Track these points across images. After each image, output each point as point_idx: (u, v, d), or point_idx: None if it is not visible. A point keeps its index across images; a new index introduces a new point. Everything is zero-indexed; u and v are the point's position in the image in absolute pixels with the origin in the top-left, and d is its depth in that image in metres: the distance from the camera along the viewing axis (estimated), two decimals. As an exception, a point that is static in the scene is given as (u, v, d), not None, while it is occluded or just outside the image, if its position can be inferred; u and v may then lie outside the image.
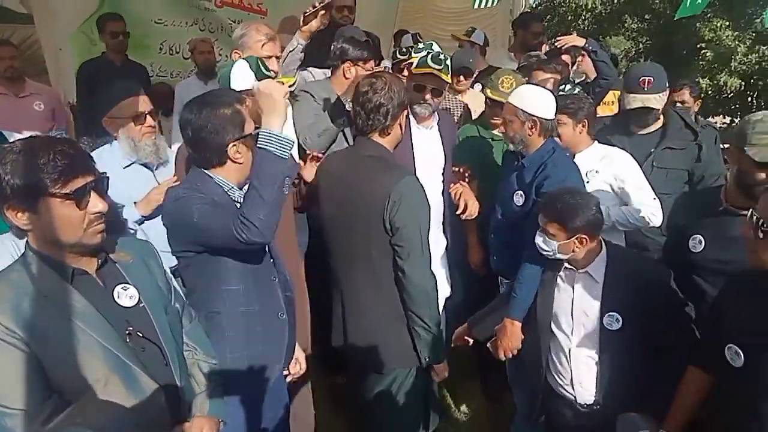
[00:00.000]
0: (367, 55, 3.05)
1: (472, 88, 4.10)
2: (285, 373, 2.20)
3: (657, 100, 2.97)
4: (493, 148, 3.23)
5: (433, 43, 3.03)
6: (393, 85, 2.25)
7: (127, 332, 1.52)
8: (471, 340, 2.64)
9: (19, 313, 1.37)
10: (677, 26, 10.75)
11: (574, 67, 4.53)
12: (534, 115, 2.53)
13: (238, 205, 1.87)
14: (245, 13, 5.36)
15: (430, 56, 2.87)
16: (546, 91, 2.70)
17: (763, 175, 2.05)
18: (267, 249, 2.02)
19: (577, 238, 2.12)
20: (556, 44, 4.02)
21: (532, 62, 3.71)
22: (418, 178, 2.26)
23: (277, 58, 2.73)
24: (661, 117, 3.08)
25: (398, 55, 3.96)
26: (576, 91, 3.10)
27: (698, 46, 9.66)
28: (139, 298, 1.59)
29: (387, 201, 2.14)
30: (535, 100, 2.57)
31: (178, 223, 1.86)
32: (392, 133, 2.30)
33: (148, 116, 2.41)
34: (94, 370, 1.43)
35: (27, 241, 1.46)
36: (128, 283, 1.58)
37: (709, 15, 9.96)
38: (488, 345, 2.55)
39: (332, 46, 3.11)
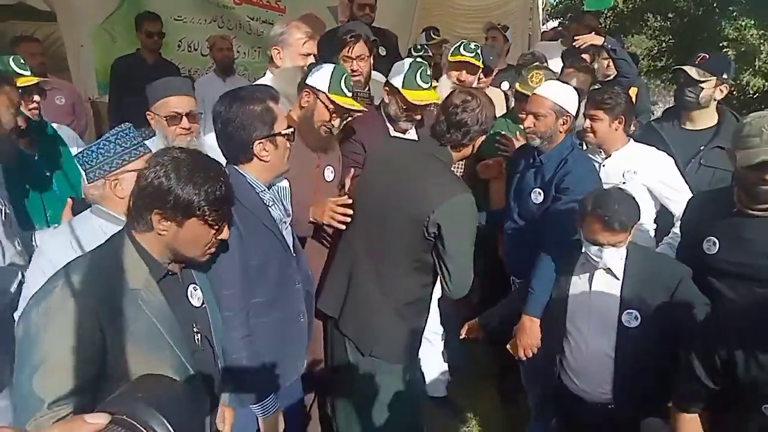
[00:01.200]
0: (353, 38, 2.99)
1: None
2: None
3: (701, 75, 2.86)
4: (523, 143, 3.23)
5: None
6: (485, 109, 2.26)
7: (195, 331, 1.60)
8: (481, 335, 2.62)
9: (106, 298, 1.42)
10: (701, 25, 10.57)
11: (595, 65, 4.47)
12: (569, 112, 2.55)
13: (269, 207, 1.93)
14: (263, 11, 5.39)
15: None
16: (571, 87, 2.71)
17: (753, 177, 2.02)
18: (292, 248, 2.04)
19: (633, 229, 2.11)
20: (574, 44, 3.97)
21: (527, 59, 3.72)
22: (471, 195, 2.18)
23: (315, 56, 2.76)
24: (716, 115, 2.99)
25: (413, 53, 3.97)
26: (614, 88, 3.02)
27: (721, 45, 9.48)
28: (203, 299, 1.68)
29: (429, 216, 2.11)
30: (567, 96, 2.59)
31: None
32: (462, 151, 2.32)
33: (184, 118, 2.31)
34: (158, 366, 1.47)
35: (132, 235, 1.51)
36: (196, 284, 1.67)
37: (734, 14, 9.79)
38: (508, 346, 2.52)
39: None
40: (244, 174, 1.89)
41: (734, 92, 9.51)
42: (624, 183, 2.65)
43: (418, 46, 4.43)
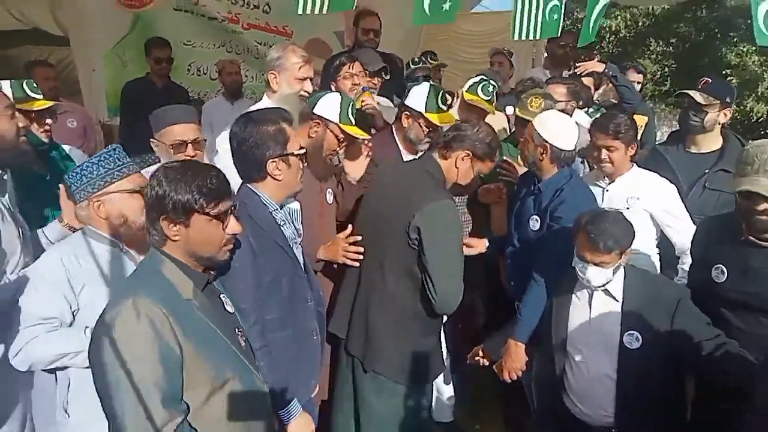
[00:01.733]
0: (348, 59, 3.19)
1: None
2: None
3: (705, 99, 2.89)
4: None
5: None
6: (486, 131, 2.42)
7: (239, 335, 1.69)
8: (486, 361, 2.61)
9: (173, 312, 1.48)
10: (703, 51, 10.68)
11: (600, 91, 4.54)
12: (547, 142, 2.53)
13: (280, 226, 1.97)
14: (271, 36, 5.49)
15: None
16: (571, 122, 2.73)
17: (744, 204, 2.05)
18: (303, 268, 2.07)
19: (625, 254, 2.11)
20: (576, 70, 4.03)
21: (526, 86, 3.74)
22: (452, 202, 2.29)
23: (311, 79, 2.81)
24: (720, 139, 3.01)
25: (411, 65, 4.22)
26: (621, 115, 3.00)
27: (724, 72, 9.56)
28: (233, 308, 1.77)
29: (410, 221, 2.21)
30: (555, 128, 2.57)
31: None
32: (449, 159, 2.38)
33: (189, 145, 2.34)
34: (225, 369, 1.56)
35: (162, 250, 1.58)
36: (224, 293, 1.76)
37: (735, 40, 9.90)
38: (494, 366, 2.54)
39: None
40: (258, 193, 1.95)
41: (738, 117, 9.57)
42: (627, 209, 2.66)
43: (416, 59, 4.51)
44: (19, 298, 1.87)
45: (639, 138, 3.09)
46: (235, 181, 1.91)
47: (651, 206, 2.73)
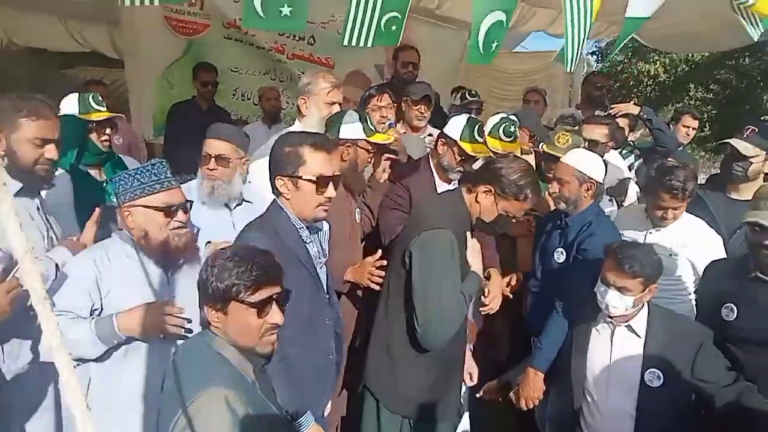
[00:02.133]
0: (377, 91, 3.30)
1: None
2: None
3: (749, 150, 2.89)
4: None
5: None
6: (519, 173, 2.28)
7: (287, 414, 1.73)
8: (500, 398, 2.61)
9: (242, 393, 1.49)
10: (743, 97, 10.58)
11: (637, 135, 4.55)
12: (592, 179, 2.62)
13: (306, 243, 2.02)
14: (314, 66, 5.68)
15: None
16: (597, 155, 2.81)
17: (755, 238, 2.08)
18: (326, 289, 2.11)
19: (650, 289, 2.10)
20: (611, 112, 4.07)
21: (567, 122, 3.79)
22: (448, 232, 2.25)
23: (340, 104, 2.89)
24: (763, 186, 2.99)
25: (462, 98, 4.47)
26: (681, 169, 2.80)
27: (762, 117, 9.45)
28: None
29: (408, 248, 2.24)
30: (595, 164, 2.67)
31: None
32: (472, 195, 2.34)
33: (212, 159, 2.47)
34: None
35: (218, 337, 1.56)
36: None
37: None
38: (510, 394, 2.54)
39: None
40: (285, 210, 2.02)
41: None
42: (670, 255, 2.67)
43: (472, 92, 4.61)
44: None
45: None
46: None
47: (696, 256, 2.68)
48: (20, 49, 5.61)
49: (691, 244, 2.71)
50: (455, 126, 2.83)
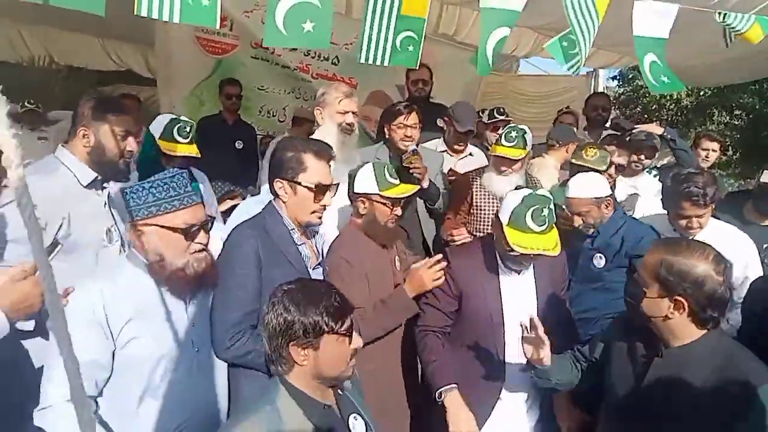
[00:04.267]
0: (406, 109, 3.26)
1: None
2: None
3: None
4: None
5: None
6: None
7: None
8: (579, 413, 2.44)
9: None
10: (766, 122, 10.49)
11: (657, 156, 4.59)
12: (605, 196, 2.75)
13: (298, 245, 2.06)
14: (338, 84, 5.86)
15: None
16: (595, 174, 2.95)
17: None
18: None
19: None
20: (633, 131, 4.13)
21: (582, 144, 3.86)
22: None
23: (354, 113, 2.90)
24: None
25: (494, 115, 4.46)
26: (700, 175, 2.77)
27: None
28: (367, 426, 1.66)
29: None
30: (596, 183, 2.79)
31: (220, 260, 1.98)
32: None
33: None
34: None
35: (284, 379, 1.55)
36: (357, 412, 1.67)
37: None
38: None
39: None
40: (280, 212, 2.10)
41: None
42: None
43: (501, 110, 4.62)
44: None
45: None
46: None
47: (733, 260, 2.64)
48: (60, 67, 5.92)
49: (726, 249, 2.65)
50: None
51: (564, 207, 3.27)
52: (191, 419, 1.80)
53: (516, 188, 2.24)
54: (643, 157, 3.82)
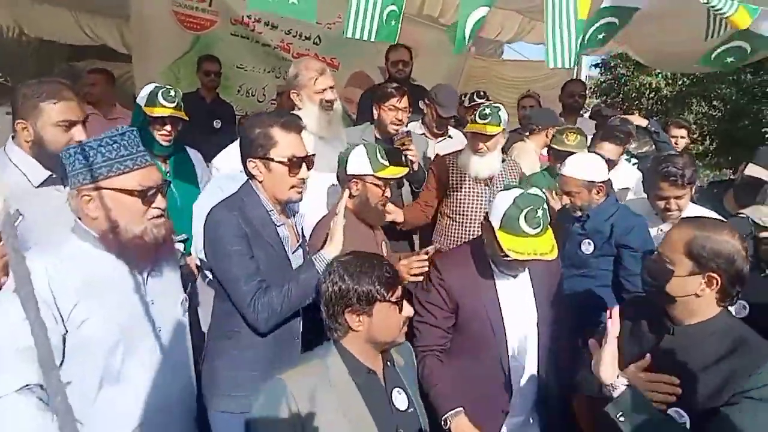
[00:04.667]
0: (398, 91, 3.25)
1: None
2: None
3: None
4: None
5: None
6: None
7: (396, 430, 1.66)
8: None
9: (311, 400, 1.55)
10: (743, 112, 10.67)
11: (635, 145, 4.62)
12: (600, 182, 2.71)
13: (277, 226, 2.00)
14: (319, 65, 5.76)
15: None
16: (597, 156, 2.87)
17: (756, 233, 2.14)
18: None
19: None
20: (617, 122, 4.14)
21: (562, 129, 3.85)
22: None
23: (332, 88, 2.81)
24: None
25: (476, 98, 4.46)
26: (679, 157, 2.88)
27: (763, 130, 9.52)
28: (410, 402, 1.73)
29: None
30: (594, 167, 2.74)
31: (210, 248, 1.96)
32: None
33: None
34: None
35: (338, 343, 1.66)
36: (402, 387, 1.75)
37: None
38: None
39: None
40: (258, 192, 2.02)
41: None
42: None
43: (481, 93, 4.64)
44: None
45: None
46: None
47: None
48: (30, 39, 5.71)
49: None
50: (497, 206, 2.04)
51: (548, 191, 3.28)
52: (157, 405, 1.70)
53: (506, 188, 2.07)
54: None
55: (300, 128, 2.06)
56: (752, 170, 2.96)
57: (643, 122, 3.96)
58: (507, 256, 1.94)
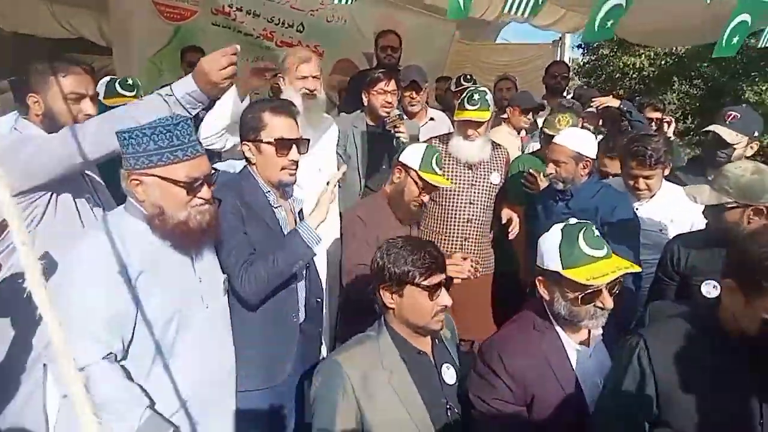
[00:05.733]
0: (385, 75, 3.28)
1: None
2: None
3: (732, 136, 2.92)
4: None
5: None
6: None
7: (447, 407, 1.76)
8: None
9: (363, 379, 1.66)
10: (724, 90, 10.78)
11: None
12: (587, 156, 2.72)
13: (274, 208, 2.07)
14: (302, 54, 5.71)
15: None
16: (590, 133, 2.89)
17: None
18: None
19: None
20: (591, 105, 4.18)
21: (555, 113, 3.88)
22: None
23: (315, 77, 2.82)
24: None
25: (462, 82, 4.56)
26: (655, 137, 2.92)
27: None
28: (457, 375, 1.84)
29: None
30: (587, 142, 2.75)
31: None
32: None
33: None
34: None
35: (384, 319, 1.78)
36: (451, 362, 1.84)
37: (757, 79, 10.00)
38: None
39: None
40: (254, 175, 2.10)
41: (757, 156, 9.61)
42: (661, 231, 2.76)
43: (468, 76, 4.67)
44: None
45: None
46: None
47: (683, 228, 2.71)
48: (6, 34, 5.58)
49: (677, 217, 2.75)
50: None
51: (531, 171, 3.30)
52: (203, 381, 1.77)
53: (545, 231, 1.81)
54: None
55: (291, 112, 2.12)
56: (715, 128, 3.00)
57: (615, 102, 3.99)
58: (589, 288, 1.64)
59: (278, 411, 2.12)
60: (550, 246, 1.72)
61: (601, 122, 4.49)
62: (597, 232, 1.75)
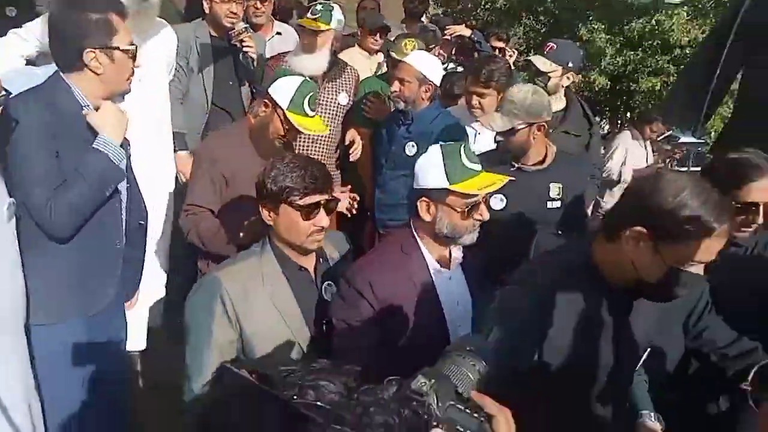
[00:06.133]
0: None
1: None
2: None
3: (546, 65, 3.13)
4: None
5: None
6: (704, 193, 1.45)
7: (324, 322, 1.79)
8: None
9: (244, 292, 1.69)
10: (565, 28, 11.62)
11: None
12: (431, 80, 2.83)
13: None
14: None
15: (310, 9, 3.05)
16: (438, 60, 3.03)
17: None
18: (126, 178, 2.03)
19: None
20: (445, 33, 4.38)
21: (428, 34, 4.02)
22: None
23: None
24: (564, 100, 3.25)
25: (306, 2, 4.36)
26: (499, 59, 3.18)
27: (576, 44, 10.47)
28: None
29: None
30: (434, 67, 2.86)
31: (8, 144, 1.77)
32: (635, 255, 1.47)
33: None
34: (281, 353, 1.69)
35: (271, 240, 1.79)
36: (333, 280, 1.84)
37: (591, 18, 10.89)
38: None
39: None
40: (72, 87, 1.83)
41: (582, 87, 10.66)
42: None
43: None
44: None
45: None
46: None
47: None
48: None
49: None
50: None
51: (380, 92, 3.41)
52: None
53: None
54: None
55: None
56: (532, 57, 3.27)
57: (467, 32, 4.22)
58: (474, 200, 1.71)
59: (94, 340, 1.99)
60: (432, 164, 1.73)
61: (453, 51, 4.74)
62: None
